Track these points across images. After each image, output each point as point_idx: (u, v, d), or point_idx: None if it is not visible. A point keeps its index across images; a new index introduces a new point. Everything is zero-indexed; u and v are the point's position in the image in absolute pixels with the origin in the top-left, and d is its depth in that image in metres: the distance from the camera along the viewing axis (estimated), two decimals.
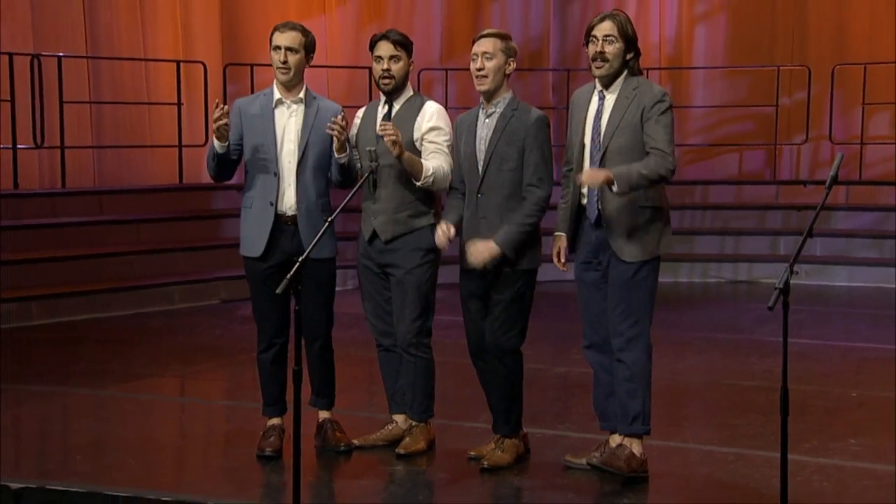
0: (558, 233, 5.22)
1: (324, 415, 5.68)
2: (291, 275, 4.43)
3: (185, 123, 11.85)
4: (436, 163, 5.36)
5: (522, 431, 5.46)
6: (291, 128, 5.41)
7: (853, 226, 12.22)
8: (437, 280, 5.55)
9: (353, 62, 12.89)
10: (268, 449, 5.47)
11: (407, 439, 5.54)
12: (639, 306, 5.03)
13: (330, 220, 4.87)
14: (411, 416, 5.59)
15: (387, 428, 5.69)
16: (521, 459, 5.41)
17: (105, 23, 11.81)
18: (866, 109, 12.94)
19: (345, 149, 5.32)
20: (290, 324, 5.19)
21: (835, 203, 12.21)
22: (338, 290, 5.70)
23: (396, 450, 5.50)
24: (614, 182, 4.83)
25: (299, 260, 4.49)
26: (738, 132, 13.96)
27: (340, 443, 5.59)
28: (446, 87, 13.01)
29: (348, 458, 5.54)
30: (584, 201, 5.11)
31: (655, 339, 5.17)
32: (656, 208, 5.05)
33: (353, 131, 5.59)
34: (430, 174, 5.33)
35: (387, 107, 5.51)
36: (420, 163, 5.33)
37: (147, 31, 12.13)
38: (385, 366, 5.68)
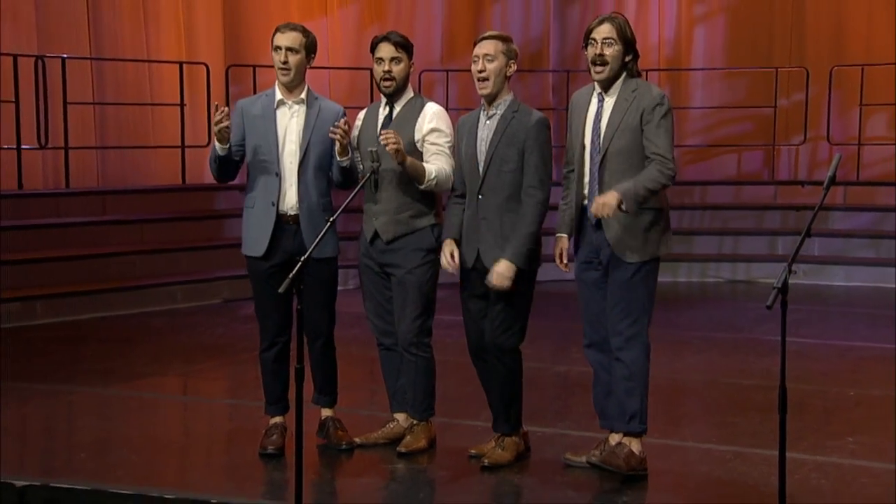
0: (560, 234, 5.24)
1: (326, 413, 5.70)
2: (293, 274, 4.43)
3: (187, 124, 11.83)
4: (437, 165, 5.39)
5: (523, 430, 5.48)
6: (293, 128, 5.43)
7: (851, 226, 12.23)
8: (437, 280, 5.56)
9: (355, 63, 12.86)
10: (270, 447, 5.50)
11: (408, 437, 5.56)
12: (637, 306, 5.05)
13: (332, 220, 4.88)
14: (412, 415, 5.61)
15: (388, 426, 5.72)
16: (521, 458, 5.43)
17: (108, 24, 11.81)
18: (864, 110, 12.94)
19: (347, 152, 5.34)
20: (293, 323, 5.18)
21: (833, 203, 12.23)
22: (339, 289, 5.71)
23: (398, 448, 5.52)
24: (623, 203, 4.86)
25: (301, 259, 4.49)
26: (736, 133, 13.95)
27: (342, 441, 5.62)
28: (447, 89, 12.99)
29: (350, 456, 5.56)
30: (585, 202, 5.13)
31: (655, 338, 5.20)
32: (657, 210, 5.07)
33: (355, 133, 5.60)
34: (432, 177, 5.36)
35: (388, 108, 5.52)
36: (422, 167, 5.35)
37: (150, 33, 12.13)
38: (386, 365, 5.70)
